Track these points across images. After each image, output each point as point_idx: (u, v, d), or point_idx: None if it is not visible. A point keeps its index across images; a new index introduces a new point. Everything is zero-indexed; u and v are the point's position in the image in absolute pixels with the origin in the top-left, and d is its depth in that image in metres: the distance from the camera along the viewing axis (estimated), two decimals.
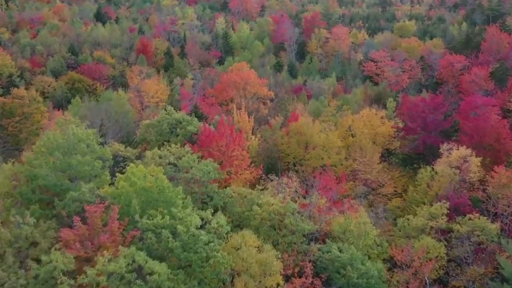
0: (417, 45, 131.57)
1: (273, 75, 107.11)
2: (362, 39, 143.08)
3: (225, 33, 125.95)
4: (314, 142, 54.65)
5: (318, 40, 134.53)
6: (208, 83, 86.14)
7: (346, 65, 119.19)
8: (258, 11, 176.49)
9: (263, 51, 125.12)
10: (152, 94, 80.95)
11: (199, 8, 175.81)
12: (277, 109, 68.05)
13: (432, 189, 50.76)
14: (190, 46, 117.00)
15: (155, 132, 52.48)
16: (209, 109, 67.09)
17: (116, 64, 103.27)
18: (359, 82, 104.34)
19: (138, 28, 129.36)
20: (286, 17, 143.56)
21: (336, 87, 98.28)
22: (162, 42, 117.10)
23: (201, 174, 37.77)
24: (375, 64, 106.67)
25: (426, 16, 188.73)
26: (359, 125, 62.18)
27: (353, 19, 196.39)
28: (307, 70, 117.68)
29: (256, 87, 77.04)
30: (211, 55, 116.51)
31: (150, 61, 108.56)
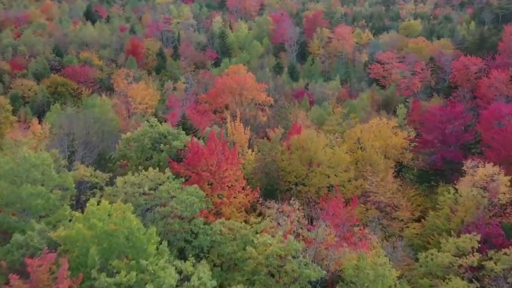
0: (425, 46, 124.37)
1: (273, 77, 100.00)
2: (366, 39, 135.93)
3: (222, 32, 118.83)
4: (319, 158, 47.53)
5: (320, 40, 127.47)
6: (201, 87, 79.00)
7: (350, 66, 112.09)
8: (257, 10, 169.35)
9: (262, 51, 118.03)
10: (140, 100, 73.85)
11: (195, 7, 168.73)
12: (276, 118, 60.87)
13: (457, 215, 43.67)
14: (184, 46, 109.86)
15: (136, 148, 45.32)
16: (201, 117, 59.98)
17: (104, 66, 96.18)
18: (364, 86, 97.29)
19: (129, 28, 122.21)
20: (286, 16, 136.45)
21: (340, 91, 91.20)
22: (154, 42, 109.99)
23: (183, 208, 30.64)
24: (382, 66, 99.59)
25: (432, 15, 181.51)
26: (368, 136, 55.05)
27: (356, 18, 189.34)
28: (309, 72, 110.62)
29: (254, 92, 69.96)
30: (207, 56, 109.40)
31: (140, 63, 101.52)
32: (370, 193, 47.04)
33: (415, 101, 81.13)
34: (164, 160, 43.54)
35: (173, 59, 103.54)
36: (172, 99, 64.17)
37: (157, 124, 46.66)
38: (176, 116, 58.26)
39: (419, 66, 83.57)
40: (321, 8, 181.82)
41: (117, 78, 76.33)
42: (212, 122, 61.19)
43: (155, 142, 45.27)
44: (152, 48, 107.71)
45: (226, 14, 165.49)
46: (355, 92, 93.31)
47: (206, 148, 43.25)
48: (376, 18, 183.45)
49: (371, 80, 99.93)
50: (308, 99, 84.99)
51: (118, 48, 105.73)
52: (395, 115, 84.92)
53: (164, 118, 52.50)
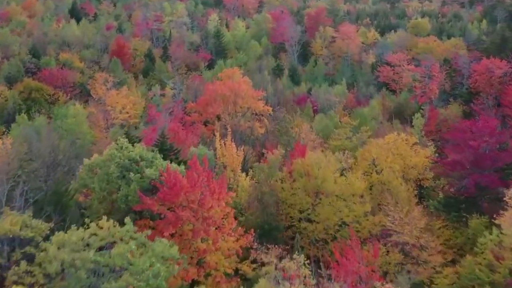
0: (436, 45, 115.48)
1: (272, 81, 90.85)
2: (372, 38, 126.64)
3: (217, 31, 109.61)
4: (328, 188, 38.48)
5: (323, 39, 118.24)
6: (191, 93, 69.78)
7: (356, 69, 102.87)
8: (255, 8, 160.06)
9: (261, 52, 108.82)
10: (120, 109, 64.76)
11: (190, 4, 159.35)
12: (276, 134, 51.67)
13: (503, 263, 34.66)
14: (175, 47, 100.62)
15: (100, 177, 36.27)
16: (187, 133, 50.86)
17: (85, 69, 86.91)
18: (373, 90, 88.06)
19: (116, 26, 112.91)
20: (286, 14, 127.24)
21: (347, 97, 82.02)
22: (143, 42, 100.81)
23: (143, 284, 21.53)
24: (392, 69, 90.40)
25: (440, 13, 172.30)
26: (386, 156, 45.97)
27: (360, 16, 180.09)
28: (311, 74, 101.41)
29: (250, 101, 60.87)
30: (200, 58, 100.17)
31: (127, 65, 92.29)
32: (392, 231, 37.97)
33: (432, 109, 72.00)
34: (134, 193, 34.55)
35: (162, 60, 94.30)
36: (153, 110, 54.74)
37: (127, 146, 37.55)
38: (157, 131, 49.11)
39: (435, 69, 74.30)
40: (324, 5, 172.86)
41: (94, 84, 67.21)
42: (200, 139, 52.10)
43: (124, 170, 36.19)
44: (140, 49, 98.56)
45: (223, 12, 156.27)
46: (363, 98, 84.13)
47: (187, 178, 34.20)
48: (381, 16, 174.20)
49: (380, 84, 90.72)
50: (312, 106, 75.88)
51: (102, 48, 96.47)
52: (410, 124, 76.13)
53: (138, 138, 43.31)
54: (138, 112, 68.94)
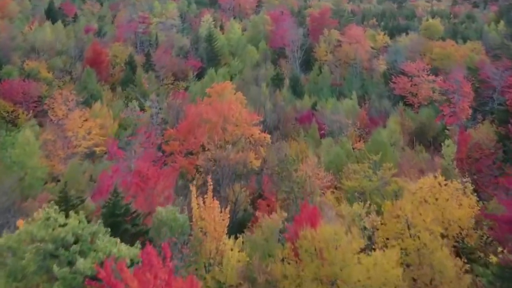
0: (454, 50, 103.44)
1: (271, 93, 79.06)
2: (382, 42, 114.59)
3: (209, 35, 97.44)
4: (348, 276, 26.45)
5: (328, 43, 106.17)
6: (172, 114, 57.62)
7: (366, 78, 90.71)
8: (253, 7, 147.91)
9: (258, 58, 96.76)
10: (84, 134, 52.73)
11: (183, 3, 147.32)
12: (275, 180, 39.44)
13: None
14: (161, 53, 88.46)
15: (10, 267, 24.28)
16: (159, 175, 38.77)
17: (54, 80, 74.87)
18: (387, 105, 75.96)
19: (97, 29, 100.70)
20: (287, 15, 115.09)
21: (358, 114, 70.08)
22: (124, 47, 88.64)
23: None
24: (409, 80, 78.33)
25: (451, 13, 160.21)
26: (424, 216, 33.88)
27: (366, 16, 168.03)
28: (315, 84, 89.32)
29: (243, 127, 48.83)
30: (189, 65, 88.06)
31: (104, 74, 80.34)
32: None
33: (462, 132, 59.87)
34: None
35: (144, 69, 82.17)
36: (114, 146, 42.03)
37: (57, 217, 25.52)
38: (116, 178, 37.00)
39: (467, 86, 61.90)
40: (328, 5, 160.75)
41: (53, 103, 55.16)
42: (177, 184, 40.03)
43: (46, 259, 24.18)
44: (120, 55, 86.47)
45: (218, 12, 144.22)
46: (377, 115, 72.13)
47: (136, 277, 22.17)
48: (389, 17, 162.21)
49: (395, 98, 78.75)
50: (317, 126, 63.90)
51: (76, 55, 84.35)
52: (433, 147, 64.30)
53: (80, 198, 31.14)
54: (106, 138, 56.97)
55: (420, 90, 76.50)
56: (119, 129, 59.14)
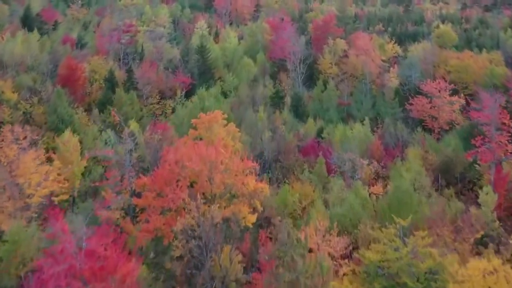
0: (473, 62, 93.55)
1: (269, 116, 69.24)
2: (392, 52, 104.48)
3: (202, 46, 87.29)
4: None
5: (333, 54, 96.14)
6: (151, 154, 47.30)
7: (377, 96, 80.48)
8: (251, 12, 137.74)
9: (256, 72, 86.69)
10: (39, 181, 42.73)
11: (176, 8, 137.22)
12: (277, 276, 29.19)
13: None
14: (146, 67, 78.34)
15: None
16: (119, 258, 28.75)
17: (20, 102, 64.81)
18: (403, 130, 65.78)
19: (76, 39, 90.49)
20: (288, 22, 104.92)
21: (371, 143, 60.08)
22: (104, 62, 78.48)
23: None
24: (428, 101, 68.32)
25: (463, 18, 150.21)
26: None
27: (371, 21, 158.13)
28: (320, 103, 79.41)
29: (234, 175, 38.84)
30: (178, 81, 78.01)
31: (79, 94, 70.25)
32: None
33: (499, 171, 50.04)
34: None
35: (125, 88, 72.06)
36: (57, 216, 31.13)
37: None
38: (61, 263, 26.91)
39: (505, 116, 51.32)
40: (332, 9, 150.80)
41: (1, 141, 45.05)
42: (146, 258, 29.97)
43: None
44: (99, 71, 76.39)
45: (213, 17, 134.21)
46: (393, 144, 62.12)
47: None
48: (396, 22, 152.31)
49: (412, 121, 68.84)
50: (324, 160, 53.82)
51: (49, 71, 74.19)
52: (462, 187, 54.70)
53: None
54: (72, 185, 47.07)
55: (441, 113, 66.54)
56: (91, 166, 49.19)
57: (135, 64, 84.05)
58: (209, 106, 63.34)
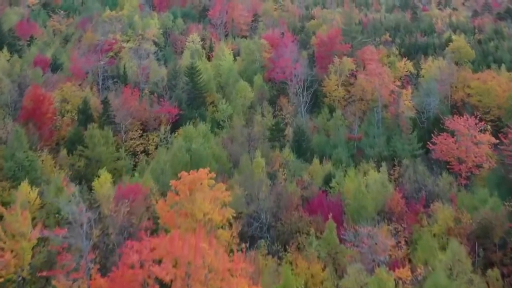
0: (496, 84, 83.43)
1: (267, 155, 59.29)
2: (404, 70, 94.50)
3: (192, 67, 77.20)
4: None
5: (340, 74, 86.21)
6: (114, 232, 36.72)
7: (392, 127, 70.23)
8: (248, 22, 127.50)
9: (252, 98, 76.63)
10: None
11: (167, 18, 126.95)
12: None
13: None
14: (127, 94, 68.25)
15: None
16: None
17: None
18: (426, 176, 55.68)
19: (51, 59, 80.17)
20: (288, 37, 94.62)
21: (390, 195, 50.02)
22: (78, 89, 68.31)
23: None
24: (454, 141, 58.26)
25: (476, 28, 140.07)
26: None
27: (377, 30, 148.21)
28: (326, 136, 69.54)
29: (219, 281, 28.74)
30: (163, 112, 67.93)
31: (45, 131, 60.19)
32: None
33: None
34: None
35: (100, 122, 61.87)
36: None
37: None
38: None
39: None
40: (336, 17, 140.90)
41: None
42: None
43: None
44: (72, 100, 66.35)
45: (208, 28, 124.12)
46: (415, 195, 51.99)
47: None
48: (404, 31, 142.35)
49: (436, 164, 58.76)
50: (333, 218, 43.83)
51: (14, 102, 64.03)
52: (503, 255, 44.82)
53: None
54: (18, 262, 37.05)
55: (470, 155, 56.51)
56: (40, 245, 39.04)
57: (116, 89, 74.04)
58: (197, 152, 53.43)
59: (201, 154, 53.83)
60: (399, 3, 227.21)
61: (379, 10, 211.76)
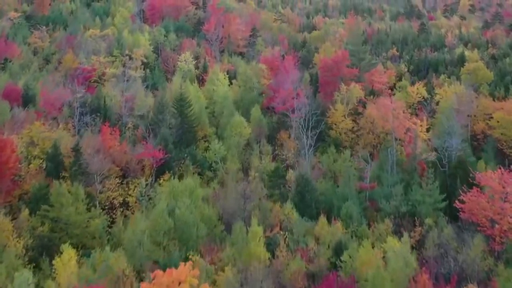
0: None
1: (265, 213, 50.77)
2: (417, 96, 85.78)
3: (181, 99, 68.30)
4: None
5: (346, 103, 77.61)
6: None
7: (408, 174, 61.04)
8: (246, 37, 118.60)
9: (249, 135, 67.74)
10: None
11: (159, 32, 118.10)
12: None
13: None
14: (105, 135, 59.39)
15: None
16: None
17: None
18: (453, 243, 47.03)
19: (23, 90, 71.03)
20: (290, 60, 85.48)
21: (416, 278, 41.22)
22: (47, 131, 59.19)
23: None
24: (486, 199, 49.35)
25: (489, 42, 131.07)
26: None
27: (382, 42, 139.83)
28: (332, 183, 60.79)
29: None
30: (146, 156, 59.01)
31: (5, 184, 51.30)
32: None
33: None
34: None
35: (71, 173, 52.95)
36: None
37: None
38: None
39: None
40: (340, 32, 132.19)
41: None
42: None
43: None
44: (41, 144, 57.38)
45: (202, 43, 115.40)
46: (445, 275, 43.16)
47: None
48: (412, 45, 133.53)
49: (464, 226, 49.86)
50: None
51: None
52: None
53: None
54: None
55: (505, 216, 47.71)
56: None
57: (95, 126, 65.27)
58: (182, 217, 44.74)
59: (187, 219, 45.12)
60: (403, 10, 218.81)
61: (383, 17, 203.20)
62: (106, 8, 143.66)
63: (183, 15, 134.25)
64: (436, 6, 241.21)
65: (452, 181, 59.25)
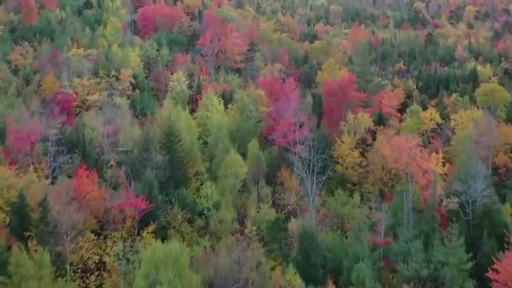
0: None
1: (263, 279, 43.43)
2: (430, 123, 78.41)
3: (170, 134, 60.77)
4: None
5: (354, 133, 70.26)
6: None
7: (427, 220, 53.68)
8: (244, 52, 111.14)
9: (246, 175, 60.18)
10: None
11: (151, 46, 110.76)
12: None
13: None
14: (80, 180, 51.77)
15: None
16: None
17: None
18: None
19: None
20: (291, 83, 78.01)
21: None
22: (13, 177, 51.56)
23: None
24: None
25: (502, 54, 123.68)
26: None
27: (388, 55, 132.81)
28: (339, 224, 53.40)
29: None
30: (127, 206, 51.39)
31: None
32: None
33: None
34: None
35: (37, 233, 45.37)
36: None
37: None
38: None
39: None
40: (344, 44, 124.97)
41: None
42: None
43: None
44: (6, 194, 49.73)
45: (197, 58, 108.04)
46: None
47: None
48: (420, 60, 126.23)
49: None
50: None
51: None
52: None
53: None
54: None
55: None
56: None
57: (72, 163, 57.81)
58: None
59: None
60: (407, 16, 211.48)
61: (387, 25, 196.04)
62: (98, 16, 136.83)
63: (177, 26, 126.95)
64: (440, 11, 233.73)
65: (478, 233, 51.88)
